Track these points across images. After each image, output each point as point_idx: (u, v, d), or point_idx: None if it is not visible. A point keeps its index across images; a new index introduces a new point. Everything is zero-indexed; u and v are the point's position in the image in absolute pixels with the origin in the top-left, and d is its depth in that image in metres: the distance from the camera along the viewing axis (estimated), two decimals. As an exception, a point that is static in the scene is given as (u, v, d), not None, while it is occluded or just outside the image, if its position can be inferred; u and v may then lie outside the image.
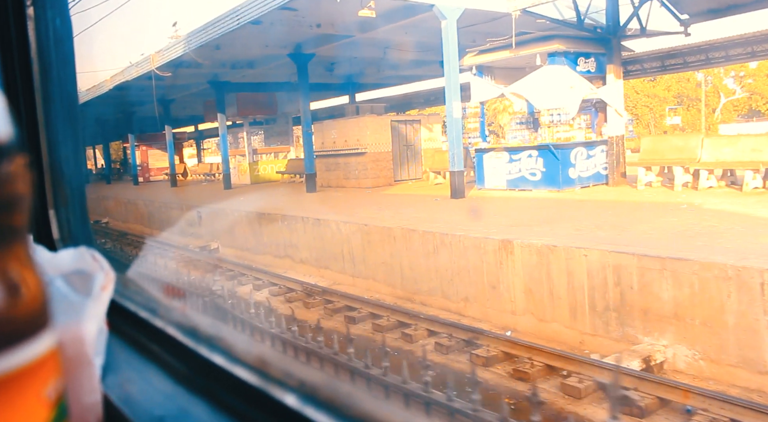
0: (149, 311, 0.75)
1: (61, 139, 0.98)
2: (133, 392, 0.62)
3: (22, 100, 0.94)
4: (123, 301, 0.78)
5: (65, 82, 0.98)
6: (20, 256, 0.31)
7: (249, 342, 0.73)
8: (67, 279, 0.58)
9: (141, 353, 0.71)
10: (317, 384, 0.50)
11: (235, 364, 0.57)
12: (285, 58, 15.52)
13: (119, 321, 0.75)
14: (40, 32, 0.92)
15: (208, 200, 15.79)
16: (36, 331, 0.31)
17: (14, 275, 0.30)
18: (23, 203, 0.31)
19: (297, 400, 0.49)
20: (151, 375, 0.66)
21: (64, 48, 0.97)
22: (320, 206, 11.75)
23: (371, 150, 15.04)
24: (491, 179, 12.00)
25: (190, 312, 0.80)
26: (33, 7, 0.91)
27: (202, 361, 0.60)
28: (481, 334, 6.14)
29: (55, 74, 0.95)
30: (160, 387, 0.63)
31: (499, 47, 11.44)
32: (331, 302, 8.06)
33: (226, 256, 12.22)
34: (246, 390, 0.54)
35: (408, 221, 8.49)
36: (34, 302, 0.31)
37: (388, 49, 15.77)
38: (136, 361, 0.70)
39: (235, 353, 0.59)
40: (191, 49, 13.22)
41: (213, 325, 0.67)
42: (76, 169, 1.02)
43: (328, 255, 9.55)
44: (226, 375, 0.57)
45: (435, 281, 7.60)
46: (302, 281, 9.25)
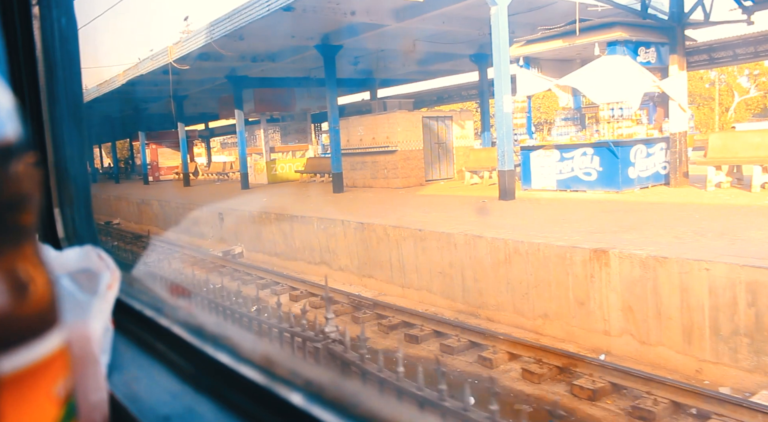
0: (155, 310, 0.74)
1: (67, 138, 0.97)
2: (139, 390, 0.62)
3: (28, 99, 0.94)
4: (128, 300, 0.77)
5: (70, 82, 0.97)
6: (29, 255, 0.31)
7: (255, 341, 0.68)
8: (73, 278, 0.58)
9: (147, 351, 0.71)
10: (324, 383, 0.50)
11: (241, 363, 0.57)
12: (308, 51, 14.67)
13: (125, 319, 0.74)
14: (46, 31, 0.92)
15: (227, 201, 14.94)
16: (45, 329, 0.31)
17: (23, 274, 0.30)
18: (32, 202, 0.31)
19: (303, 399, 0.49)
20: (157, 374, 0.66)
21: (69, 47, 0.96)
22: (356, 208, 10.88)
23: (402, 148, 14.18)
24: (539, 179, 11.13)
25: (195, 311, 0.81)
26: (38, 7, 0.91)
27: (208, 360, 0.60)
28: (578, 359, 5.27)
29: (60, 73, 0.94)
30: (166, 386, 0.63)
31: (551, 37, 10.56)
32: (384, 317, 7.20)
33: (253, 261, 11.37)
34: (252, 389, 0.54)
35: (467, 226, 7.62)
36: (43, 301, 0.31)
37: (418, 41, 14.89)
38: (141, 360, 0.70)
39: (241, 352, 0.59)
40: (214, 40, 12.35)
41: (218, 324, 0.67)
42: (81, 168, 1.01)
43: (372, 263, 8.69)
44: (232, 373, 0.57)
45: (505, 294, 6.74)
46: (345, 291, 8.39)
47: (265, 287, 9.29)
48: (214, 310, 5.24)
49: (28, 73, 0.93)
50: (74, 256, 0.61)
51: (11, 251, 0.30)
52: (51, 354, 0.32)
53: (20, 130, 0.30)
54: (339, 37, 13.39)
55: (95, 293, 0.58)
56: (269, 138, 20.10)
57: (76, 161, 1.00)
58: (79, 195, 1.00)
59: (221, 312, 5.29)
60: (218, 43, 12.53)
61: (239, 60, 15.35)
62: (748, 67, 45.57)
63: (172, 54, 14.24)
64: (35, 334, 0.31)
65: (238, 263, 10.78)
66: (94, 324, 0.56)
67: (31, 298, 0.31)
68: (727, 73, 49.02)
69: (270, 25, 11.64)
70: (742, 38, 14.14)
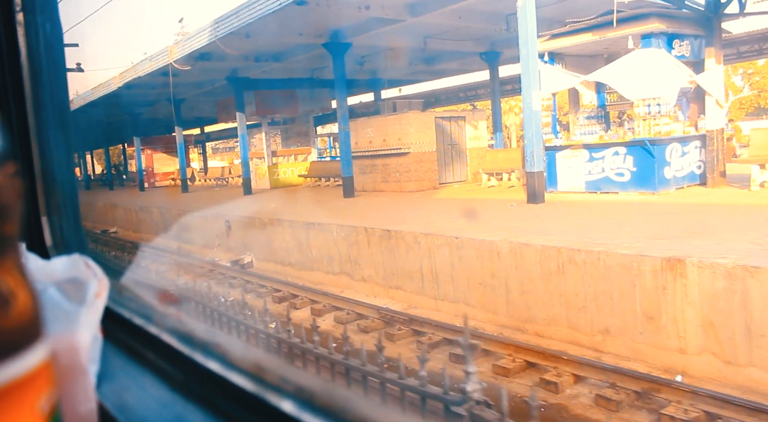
0: (144, 318, 0.74)
1: (53, 145, 0.96)
2: (128, 400, 0.61)
3: (13, 106, 0.92)
4: (117, 308, 0.76)
5: (56, 88, 0.96)
6: (11, 267, 0.31)
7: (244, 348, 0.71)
8: (61, 287, 0.58)
9: (136, 360, 0.70)
10: (314, 390, 0.50)
11: (231, 370, 0.57)
12: (314, 50, 14.03)
13: (114, 328, 0.73)
14: (30, 38, 0.91)
15: (231, 207, 14.27)
16: (27, 344, 0.31)
17: (5, 286, 0.30)
18: (12, 213, 0.30)
19: (294, 406, 0.48)
20: (147, 383, 0.65)
21: (54, 53, 0.95)
22: (374, 214, 10.25)
23: (415, 150, 13.57)
24: (566, 180, 10.55)
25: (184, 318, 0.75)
26: (23, 13, 0.90)
27: (197, 368, 0.60)
28: (660, 383, 4.66)
29: (45, 80, 0.93)
30: (156, 395, 0.62)
31: (579, 30, 10.00)
32: (422, 334, 6.57)
33: (264, 271, 10.70)
34: (242, 397, 0.53)
35: (506, 233, 7.01)
36: (25, 315, 0.31)
37: (429, 38, 14.32)
38: (131, 369, 0.69)
39: (231, 359, 0.58)
40: (219, 38, 11.69)
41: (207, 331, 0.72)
42: (68, 175, 0.99)
43: (400, 273, 8.05)
44: (222, 381, 0.56)
45: (558, 307, 6.13)
46: (373, 304, 7.76)
47: (282, 300, 8.65)
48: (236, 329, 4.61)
49: (13, 80, 0.91)
50: (62, 265, 0.61)
51: None
52: (34, 368, 0.31)
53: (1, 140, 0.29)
54: (348, 34, 12.77)
55: (83, 303, 0.57)
56: (270, 142, 19.42)
57: (63, 169, 0.98)
58: (67, 203, 0.99)
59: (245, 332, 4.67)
60: (223, 41, 11.88)
61: (242, 60, 14.70)
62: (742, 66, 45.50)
63: (173, 54, 13.56)
64: (17, 349, 0.30)
65: (249, 274, 10.11)
66: (82, 334, 0.55)
67: (13, 312, 0.30)
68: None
69: (279, 21, 11.01)
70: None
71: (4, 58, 0.91)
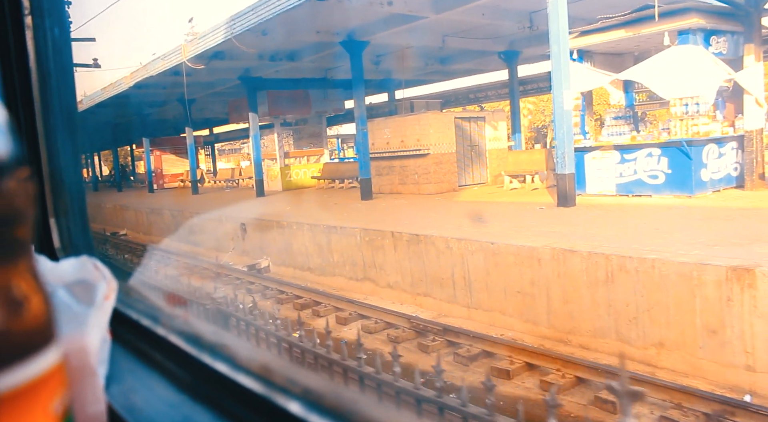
0: (152, 320, 0.74)
1: (61, 147, 0.97)
2: (137, 401, 0.61)
3: (21, 109, 0.93)
4: (125, 309, 0.77)
5: (64, 91, 0.96)
6: (24, 270, 0.31)
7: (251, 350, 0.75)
8: (70, 289, 0.58)
9: (144, 362, 0.71)
10: (321, 391, 0.50)
11: (238, 372, 0.57)
12: (330, 49, 13.71)
13: (122, 329, 0.74)
14: (39, 41, 0.91)
15: (244, 210, 13.93)
16: (42, 346, 0.31)
17: (19, 290, 0.30)
18: (25, 217, 0.30)
19: (301, 407, 0.48)
20: (155, 384, 0.65)
21: (62, 57, 0.95)
22: (397, 218, 9.88)
23: (434, 151, 13.19)
24: (595, 182, 10.16)
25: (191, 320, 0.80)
26: (31, 16, 0.90)
27: (205, 369, 0.60)
28: (734, 405, 4.27)
29: (53, 83, 0.94)
30: (164, 396, 0.62)
31: (610, 27, 9.61)
32: (458, 345, 6.19)
33: (281, 276, 10.35)
34: (250, 398, 0.53)
35: (544, 238, 6.64)
36: (39, 317, 0.31)
37: (448, 37, 13.95)
38: (139, 370, 0.69)
39: (239, 360, 0.59)
40: (235, 35, 11.35)
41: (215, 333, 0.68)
42: (76, 177, 1.00)
43: (430, 280, 7.68)
44: (229, 382, 0.56)
45: (606, 319, 5.74)
46: (401, 312, 7.39)
47: (304, 307, 8.29)
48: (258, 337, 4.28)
49: (22, 83, 0.92)
50: (70, 267, 0.61)
51: (7, 267, 0.30)
52: (47, 370, 0.31)
53: (12, 145, 0.30)
54: (366, 32, 12.42)
55: (92, 305, 0.58)
56: (282, 143, 19.08)
57: (70, 171, 0.98)
58: (75, 205, 0.99)
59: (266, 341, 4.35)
60: (239, 38, 11.54)
61: (256, 59, 14.36)
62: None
63: (186, 53, 13.23)
64: (31, 351, 0.31)
65: (267, 279, 9.75)
66: (91, 336, 0.55)
67: (27, 315, 0.30)
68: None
69: (298, 18, 10.67)
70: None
71: (12, 61, 0.91)
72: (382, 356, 6.17)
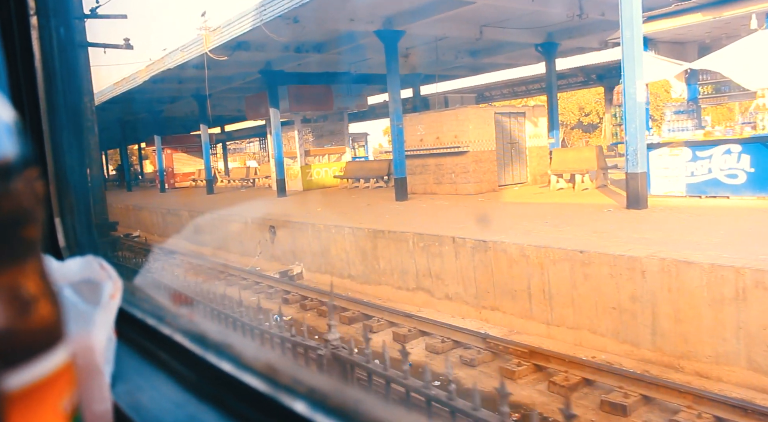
0: (157, 319, 0.74)
1: (66, 147, 0.98)
2: (142, 400, 0.61)
3: (27, 109, 0.93)
4: (130, 309, 0.77)
5: (70, 91, 0.98)
6: (34, 270, 0.31)
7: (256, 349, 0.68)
8: (76, 288, 0.58)
9: (150, 361, 0.71)
10: (327, 391, 0.50)
11: (243, 371, 0.57)
12: (360, 40, 12.85)
13: (127, 328, 0.74)
14: (44, 41, 0.92)
15: (269, 211, 13.07)
16: (52, 344, 0.32)
17: (29, 290, 0.30)
18: (34, 218, 0.30)
19: (306, 407, 0.49)
20: (160, 383, 0.65)
21: (68, 56, 0.96)
22: (447, 220, 9.01)
23: (473, 149, 12.32)
24: (661, 182, 9.28)
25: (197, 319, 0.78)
26: (37, 17, 0.91)
27: (210, 368, 0.61)
28: None
29: (59, 83, 0.95)
30: (170, 395, 0.63)
31: (684, 10, 8.73)
32: (549, 371, 5.32)
33: (317, 284, 9.50)
34: (255, 398, 0.54)
35: (644, 246, 5.77)
36: (49, 317, 0.31)
37: (486, 27, 13.09)
38: (145, 369, 0.70)
39: (244, 360, 0.59)
40: (265, 22, 10.49)
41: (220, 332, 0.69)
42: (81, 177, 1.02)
43: (499, 292, 6.82)
44: (235, 382, 0.57)
45: (734, 343, 4.87)
46: (468, 328, 6.53)
47: (353, 320, 7.43)
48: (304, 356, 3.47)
49: (27, 83, 0.92)
50: (76, 266, 0.61)
51: (16, 267, 0.30)
52: (57, 369, 0.32)
53: (21, 145, 0.30)
54: (404, 20, 11.57)
55: (98, 304, 0.58)
56: (303, 141, 18.23)
57: (75, 170, 0.99)
58: (80, 204, 1.00)
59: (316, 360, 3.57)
60: (269, 26, 10.68)
61: (282, 50, 13.50)
62: None
63: (209, 42, 12.37)
64: (42, 349, 0.31)
65: (304, 288, 8.89)
66: (97, 335, 0.56)
67: (37, 314, 0.30)
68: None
69: (334, 3, 9.81)
70: None
71: (18, 61, 0.90)
72: (464, 382, 5.30)
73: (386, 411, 0.46)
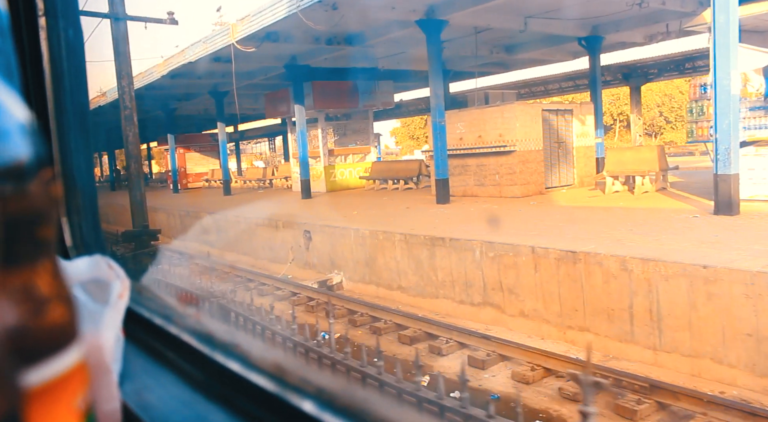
0: (164, 318, 0.74)
1: (73, 147, 0.96)
2: (151, 399, 0.61)
3: (35, 109, 0.93)
4: (137, 308, 0.77)
5: (77, 92, 0.97)
6: (49, 269, 0.31)
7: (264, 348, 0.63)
8: (85, 288, 0.58)
9: (157, 360, 0.71)
10: (335, 391, 0.49)
11: (251, 371, 0.56)
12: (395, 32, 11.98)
13: (135, 328, 0.74)
14: (53, 42, 0.91)
15: (298, 214, 12.19)
16: (66, 343, 0.32)
17: (44, 289, 0.30)
18: (48, 219, 0.30)
19: (315, 407, 0.48)
20: (168, 382, 0.65)
21: (76, 58, 0.95)
22: (511, 227, 8.11)
23: (520, 148, 11.42)
24: (746, 185, 8.34)
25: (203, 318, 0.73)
26: (45, 17, 0.90)
27: (218, 368, 0.60)
28: None
29: (67, 84, 0.94)
30: (178, 394, 0.62)
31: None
32: (670, 409, 4.41)
33: (360, 295, 8.61)
34: (263, 397, 0.53)
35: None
36: (63, 316, 0.32)
37: (530, 18, 12.20)
38: (152, 368, 0.69)
39: (251, 359, 0.58)
40: (301, 9, 9.62)
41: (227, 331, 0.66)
42: (88, 177, 1.01)
43: (591, 310, 5.91)
44: (242, 381, 0.56)
45: None
46: (557, 352, 5.62)
47: (414, 340, 6.53)
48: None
49: (35, 84, 0.91)
50: (84, 266, 0.60)
51: (31, 267, 0.30)
52: (71, 368, 0.32)
53: (36, 146, 0.29)
54: (448, 9, 10.69)
55: (107, 303, 0.57)
56: (327, 140, 17.34)
57: (82, 170, 0.98)
58: (86, 204, 0.99)
59: None
60: (305, 13, 9.81)
61: (312, 42, 12.62)
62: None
63: (236, 32, 11.49)
64: (58, 348, 0.31)
65: (350, 300, 7.98)
66: (106, 334, 0.55)
67: (51, 313, 0.31)
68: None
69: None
70: None
71: (26, 61, 0.90)
72: None
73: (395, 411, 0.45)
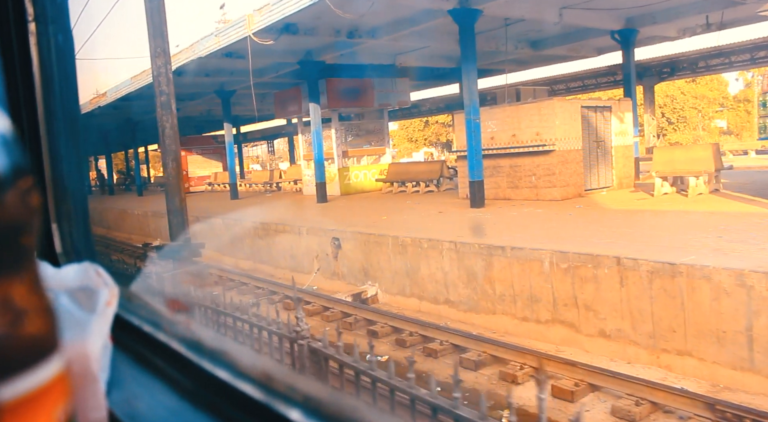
0: (153, 325, 0.74)
1: (64, 153, 0.96)
2: (138, 408, 0.60)
3: (25, 115, 0.93)
4: (126, 315, 0.76)
5: (67, 98, 0.97)
6: (28, 280, 0.31)
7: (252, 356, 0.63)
8: (72, 295, 0.57)
9: (146, 368, 0.70)
10: (322, 399, 0.49)
11: (239, 379, 0.56)
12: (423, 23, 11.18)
13: (123, 335, 0.73)
14: (42, 48, 0.91)
15: (320, 220, 11.35)
16: (45, 355, 0.31)
17: (22, 300, 0.30)
18: (28, 227, 0.30)
19: (301, 415, 0.48)
20: (156, 390, 0.64)
21: (66, 63, 0.96)
22: (565, 233, 7.30)
23: (559, 147, 10.62)
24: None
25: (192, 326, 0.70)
26: (35, 23, 0.90)
27: (206, 376, 0.60)
28: None
29: (57, 89, 0.94)
30: (165, 402, 0.62)
31: None
32: None
33: (401, 309, 7.78)
34: (251, 405, 0.53)
35: None
36: (42, 327, 0.31)
37: (565, 9, 11.43)
38: (140, 376, 0.68)
39: (240, 367, 0.58)
40: (330, -5, 8.80)
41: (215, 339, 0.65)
42: (78, 183, 1.01)
43: (693, 332, 5.10)
44: (230, 389, 0.56)
45: None
46: (660, 383, 4.80)
47: (480, 365, 5.69)
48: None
49: (25, 89, 0.91)
50: (72, 273, 0.60)
51: (8, 277, 0.29)
52: (51, 379, 0.31)
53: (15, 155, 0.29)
54: (480, 0, 9.92)
55: (94, 311, 0.57)
56: (340, 141, 16.51)
57: (73, 177, 0.98)
58: (77, 211, 0.99)
59: None
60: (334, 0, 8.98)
61: (333, 35, 11.80)
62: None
63: (253, 23, 10.65)
64: (35, 360, 0.31)
65: (395, 317, 7.14)
66: (93, 342, 0.55)
67: (30, 324, 0.30)
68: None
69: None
70: None
71: (16, 67, 0.90)
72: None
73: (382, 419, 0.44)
